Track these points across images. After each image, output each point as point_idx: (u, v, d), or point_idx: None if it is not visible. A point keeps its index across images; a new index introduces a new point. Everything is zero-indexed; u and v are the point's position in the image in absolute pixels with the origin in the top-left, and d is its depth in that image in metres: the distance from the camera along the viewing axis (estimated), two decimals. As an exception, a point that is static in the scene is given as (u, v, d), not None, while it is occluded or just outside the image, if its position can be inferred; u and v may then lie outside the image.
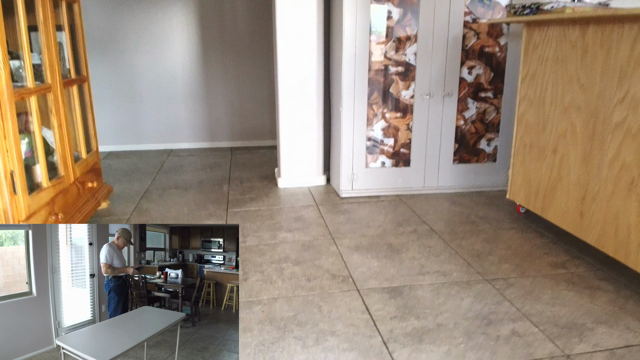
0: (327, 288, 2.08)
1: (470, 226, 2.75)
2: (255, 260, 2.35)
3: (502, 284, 2.10)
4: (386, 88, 3.13)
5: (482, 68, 3.20)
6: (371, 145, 3.20)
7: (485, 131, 3.32)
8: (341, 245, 2.51)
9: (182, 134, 4.88)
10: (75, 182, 2.64)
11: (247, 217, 2.93)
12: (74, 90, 2.75)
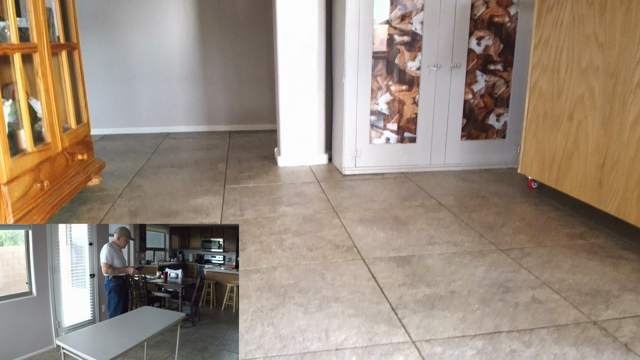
0: (330, 257, 1.94)
1: (480, 200, 2.61)
2: (253, 232, 2.21)
3: (517, 253, 1.96)
4: (391, 59, 2.99)
5: (492, 39, 3.07)
6: (375, 120, 3.06)
7: (494, 106, 3.18)
8: (344, 218, 2.37)
9: (178, 117, 4.74)
10: (63, 152, 2.50)
11: (245, 193, 2.79)
12: (63, 56, 2.61)
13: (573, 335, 1.41)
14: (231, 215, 2.42)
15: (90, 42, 4.43)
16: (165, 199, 2.69)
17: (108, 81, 4.55)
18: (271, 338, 1.41)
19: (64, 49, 2.62)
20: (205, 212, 2.47)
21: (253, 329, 1.45)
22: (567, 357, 1.31)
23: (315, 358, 1.31)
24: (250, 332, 1.44)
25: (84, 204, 2.63)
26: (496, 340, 1.39)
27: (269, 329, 1.45)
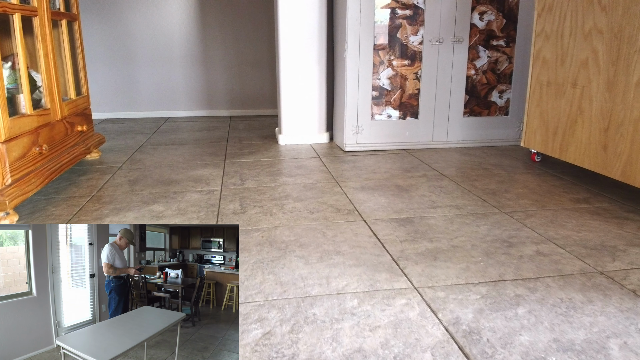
0: (332, 219, 1.91)
1: (482, 171, 2.59)
2: (254, 198, 2.19)
3: (521, 215, 1.94)
4: (393, 33, 2.97)
5: (494, 14, 3.04)
6: (377, 96, 3.04)
7: (497, 82, 3.15)
8: (346, 187, 2.35)
9: (179, 101, 4.72)
10: (63, 121, 2.47)
11: (246, 166, 2.77)
12: (63, 26, 2.59)
13: (579, 283, 1.38)
14: (232, 185, 2.40)
15: (90, 23, 4.42)
16: (165, 171, 2.67)
17: (108, 64, 4.53)
18: (272, 284, 1.38)
19: (64, 17, 2.60)
20: (205, 182, 2.45)
21: (253, 277, 1.42)
22: (574, 301, 1.29)
23: (316, 301, 1.29)
24: (250, 279, 1.41)
25: (83, 174, 2.61)
26: (500, 286, 1.36)
27: (269, 277, 1.42)
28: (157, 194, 2.25)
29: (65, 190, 2.34)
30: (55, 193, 2.29)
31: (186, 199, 2.19)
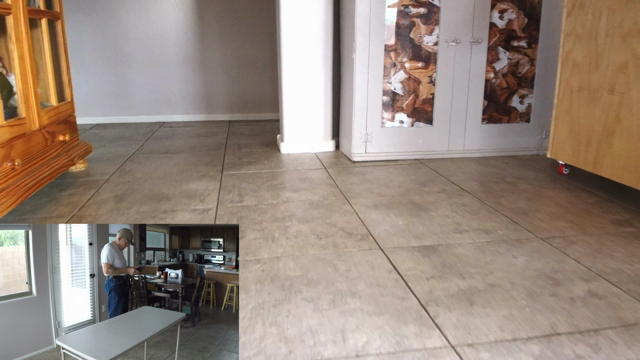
0: (343, 246, 1.67)
1: (507, 185, 2.34)
2: (253, 218, 1.94)
3: (560, 241, 1.69)
4: (406, 33, 2.72)
5: (515, 12, 2.80)
6: (388, 101, 2.79)
7: (517, 86, 2.91)
8: (356, 204, 2.10)
9: (175, 105, 4.47)
10: (41, 130, 2.23)
11: (245, 179, 2.52)
12: (43, 25, 2.34)
13: (649, 338, 1.14)
14: (229, 202, 2.15)
15: (81, 22, 4.17)
16: (157, 184, 2.42)
17: (100, 65, 4.28)
18: (274, 341, 1.14)
19: (44, 16, 2.35)
20: (199, 198, 2.20)
21: (252, 329, 1.18)
22: (648, 365, 1.04)
23: (331, 365, 1.05)
24: (248, 333, 1.17)
25: (65, 188, 2.36)
26: (555, 343, 1.12)
27: (271, 330, 1.18)
28: (145, 214, 2.00)
29: (43, 208, 2.09)
30: (31, 212, 2.05)
31: (177, 219, 1.94)
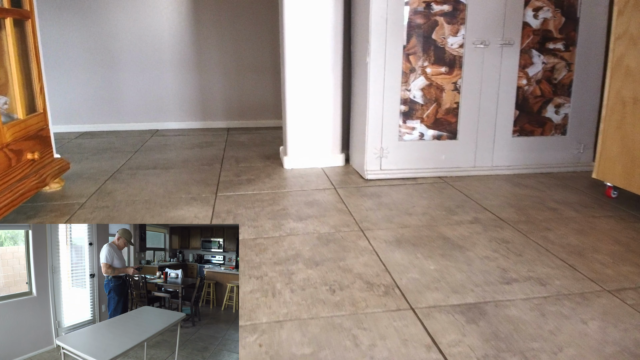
0: (363, 305, 1.32)
1: (550, 213, 1.99)
2: (251, 260, 1.60)
3: (634, 296, 1.34)
4: (428, 33, 2.37)
5: (551, 11, 2.44)
6: (407, 111, 2.44)
7: (553, 94, 2.55)
8: (374, 239, 1.75)
9: (169, 111, 4.13)
10: (3, 149, 1.89)
11: (243, 202, 2.18)
12: (7, 26, 2.00)
13: None
14: (222, 234, 1.81)
15: (65, 21, 3.83)
16: (139, 210, 2.08)
17: (87, 68, 3.94)
18: None
19: (8, 15, 2.01)
20: (188, 229, 1.86)
21: None
22: None
23: None
24: None
25: (33, 216, 2.02)
26: None
27: None
28: (121, 252, 1.66)
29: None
30: (-14, 248, 1.71)
31: (159, 260, 1.60)
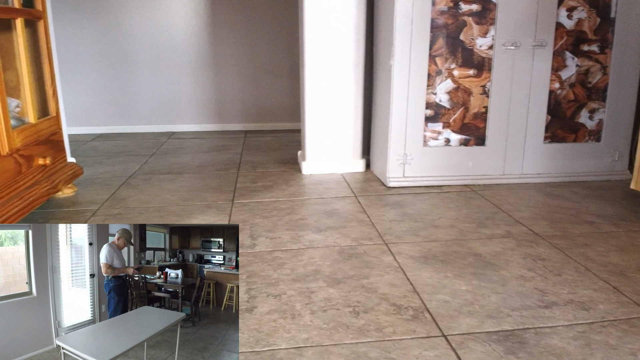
0: (390, 330, 1.21)
1: (587, 227, 1.86)
2: (268, 276, 1.50)
3: (694, 327, 1.21)
4: (455, 34, 2.25)
5: (586, 11, 2.31)
6: (432, 115, 2.32)
7: (587, 99, 2.41)
8: (400, 254, 1.64)
9: (184, 113, 4.06)
10: (12, 155, 1.82)
11: (259, 211, 2.08)
12: (18, 26, 1.94)
13: None
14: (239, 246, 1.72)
15: (79, 22, 3.78)
16: (152, 218, 2.00)
17: (102, 70, 3.89)
18: None
19: (19, 15, 1.95)
20: (202, 240, 1.77)
21: None
22: None
23: None
24: None
25: (44, 223, 1.95)
26: None
27: None
28: (132, 265, 1.57)
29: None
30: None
31: (171, 274, 1.51)
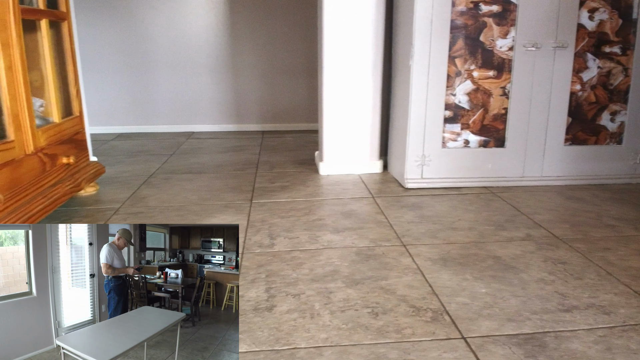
0: (409, 332, 1.21)
1: (608, 231, 1.84)
2: (286, 275, 1.51)
3: None
4: (475, 35, 2.24)
5: (608, 12, 2.28)
6: (451, 116, 2.32)
7: (608, 101, 2.38)
8: (418, 256, 1.64)
9: (203, 114, 4.10)
10: (37, 154, 1.86)
11: (277, 211, 2.10)
12: (42, 27, 1.98)
13: None
14: (256, 247, 1.73)
15: (100, 23, 3.84)
16: (172, 217, 2.03)
17: (122, 71, 3.95)
18: None
19: (44, 16, 1.99)
20: (221, 239, 1.79)
21: None
22: None
23: None
24: None
25: (66, 221, 1.99)
26: None
27: None
28: (153, 263, 1.60)
29: (32, 250, 1.72)
30: (18, 255, 1.67)
31: (192, 273, 1.53)
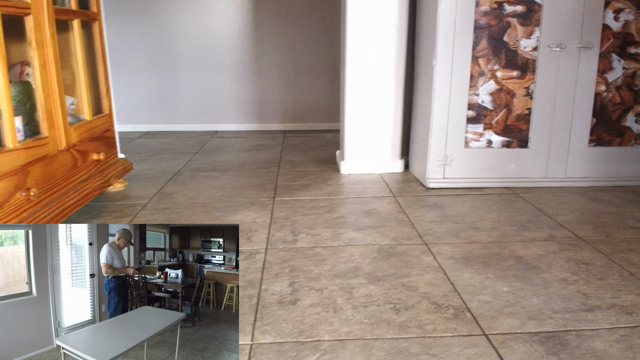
0: (430, 328, 1.23)
1: (632, 232, 1.82)
2: (309, 271, 1.54)
3: None
4: (499, 35, 2.24)
5: (633, 13, 2.26)
6: (474, 116, 2.32)
7: (633, 102, 2.36)
8: (440, 255, 1.66)
9: (227, 113, 4.16)
10: (69, 150, 1.93)
11: (300, 209, 2.13)
12: (75, 27, 2.05)
13: None
14: (280, 242, 1.77)
15: (126, 23, 3.93)
16: (198, 213, 2.07)
17: (148, 70, 4.03)
18: None
19: (76, 17, 2.05)
20: (246, 235, 1.83)
21: None
22: None
23: None
24: None
25: (96, 216, 2.06)
26: None
27: None
28: (180, 257, 1.64)
29: (64, 243, 1.78)
30: (51, 247, 1.74)
31: (217, 267, 1.57)
